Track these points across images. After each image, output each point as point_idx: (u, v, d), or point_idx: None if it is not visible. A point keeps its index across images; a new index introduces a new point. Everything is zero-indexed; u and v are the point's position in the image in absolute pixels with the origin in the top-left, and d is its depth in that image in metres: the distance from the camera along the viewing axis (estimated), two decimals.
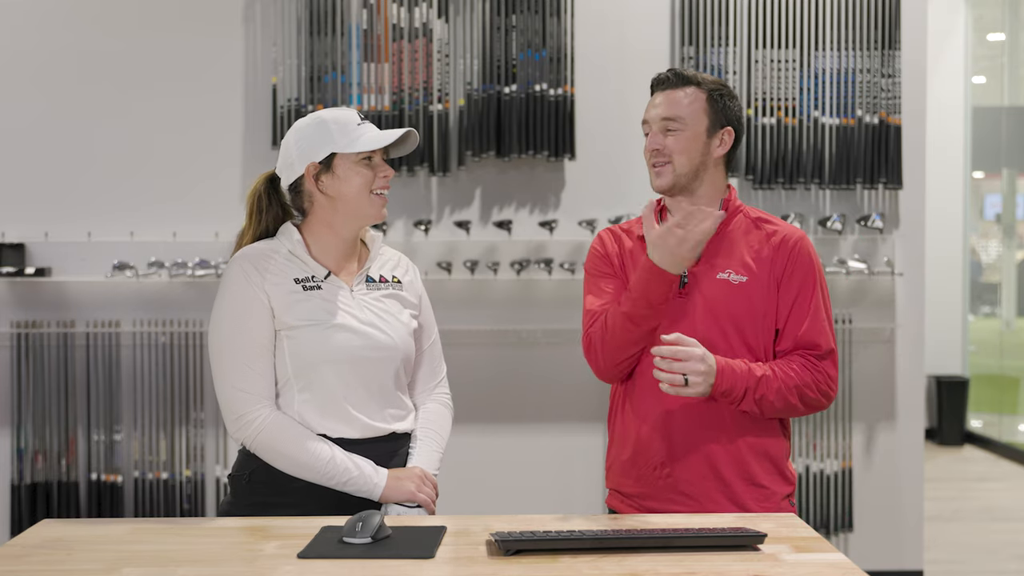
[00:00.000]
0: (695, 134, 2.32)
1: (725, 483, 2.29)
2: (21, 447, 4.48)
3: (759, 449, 2.31)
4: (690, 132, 2.32)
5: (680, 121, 2.32)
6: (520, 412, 4.61)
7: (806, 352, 2.30)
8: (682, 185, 2.34)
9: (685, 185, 2.34)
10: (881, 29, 4.54)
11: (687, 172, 2.33)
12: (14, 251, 4.45)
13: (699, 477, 2.29)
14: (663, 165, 2.33)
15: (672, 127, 2.32)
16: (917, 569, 4.66)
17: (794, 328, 2.30)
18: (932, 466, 7.16)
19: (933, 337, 6.34)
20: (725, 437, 2.29)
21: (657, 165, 2.34)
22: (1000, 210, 8.78)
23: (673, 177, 2.32)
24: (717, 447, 2.29)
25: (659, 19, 4.59)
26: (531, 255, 4.54)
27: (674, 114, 2.32)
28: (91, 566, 1.79)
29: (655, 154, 2.33)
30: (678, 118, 2.32)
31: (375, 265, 2.33)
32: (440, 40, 4.46)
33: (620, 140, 4.57)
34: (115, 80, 4.54)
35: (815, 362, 2.29)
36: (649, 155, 2.35)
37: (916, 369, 4.68)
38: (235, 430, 2.20)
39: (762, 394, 2.23)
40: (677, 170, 2.32)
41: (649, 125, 2.36)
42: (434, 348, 2.42)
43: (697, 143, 2.33)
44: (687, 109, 2.32)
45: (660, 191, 2.36)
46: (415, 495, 2.20)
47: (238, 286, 2.20)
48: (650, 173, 2.36)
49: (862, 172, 4.53)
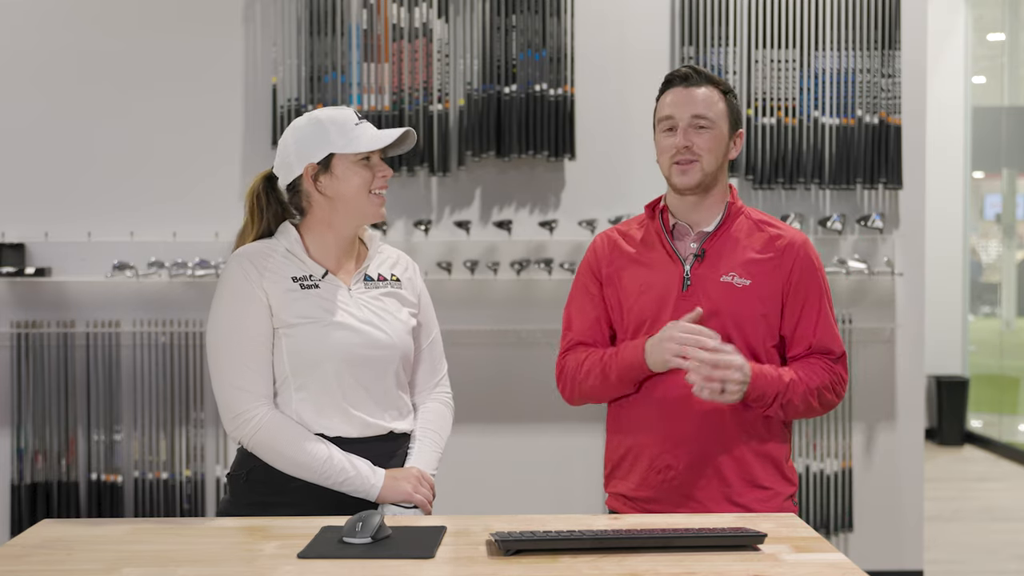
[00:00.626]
0: (721, 134, 2.32)
1: (728, 485, 2.29)
2: (21, 447, 4.48)
3: (761, 451, 2.31)
4: (718, 131, 2.32)
5: (710, 120, 2.30)
6: (520, 412, 4.60)
7: (822, 356, 2.32)
8: (707, 184, 2.33)
9: (708, 185, 2.33)
10: (881, 29, 4.54)
11: (712, 172, 2.32)
12: (14, 251, 4.45)
13: (702, 480, 2.29)
14: (690, 163, 2.30)
15: (704, 124, 2.30)
16: (917, 569, 4.66)
17: (806, 334, 2.32)
18: (932, 466, 7.16)
19: (933, 337, 6.34)
20: (727, 440, 2.29)
21: (683, 162, 2.30)
22: (1000, 210, 8.78)
23: (701, 175, 2.30)
24: (719, 450, 2.28)
25: (659, 19, 4.59)
26: (531, 255, 4.54)
27: (705, 112, 2.30)
28: (91, 566, 1.79)
29: (684, 151, 2.29)
30: (707, 116, 2.30)
31: (374, 264, 2.33)
32: (440, 40, 4.46)
33: (620, 140, 4.57)
34: (115, 80, 4.54)
35: (831, 365, 2.32)
36: (675, 152, 2.30)
37: (916, 369, 4.68)
38: (232, 429, 2.20)
39: (789, 399, 2.26)
40: (705, 169, 2.30)
41: (672, 120, 2.32)
42: (434, 346, 2.42)
43: (722, 143, 2.33)
44: (714, 108, 2.31)
45: (686, 189, 2.32)
46: (412, 496, 2.20)
47: (236, 284, 2.20)
48: (671, 170, 2.32)
49: (862, 172, 4.53)
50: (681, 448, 2.29)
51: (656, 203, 2.41)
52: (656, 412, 2.31)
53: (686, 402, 2.27)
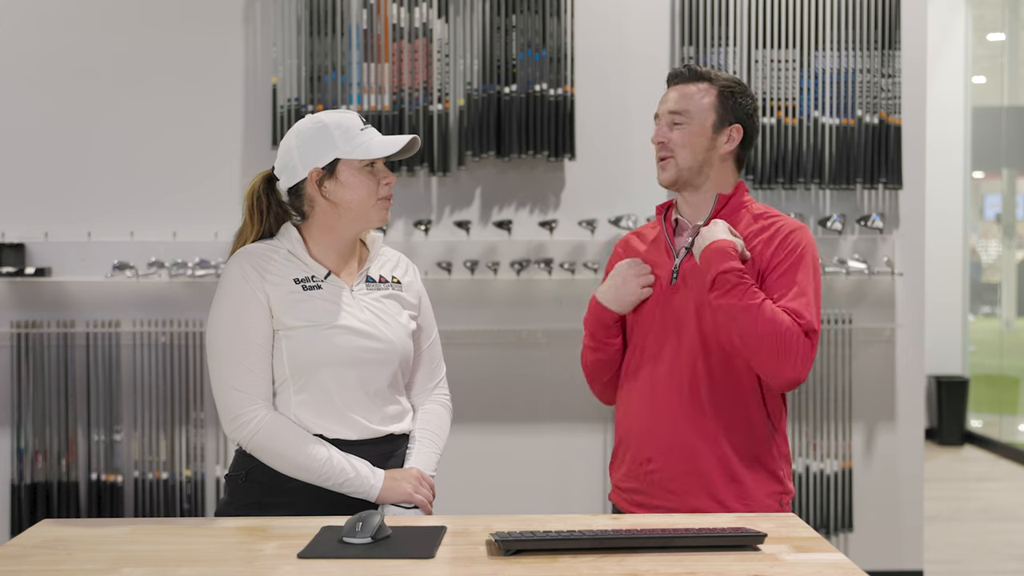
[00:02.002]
0: (701, 129, 2.34)
1: (708, 481, 2.30)
2: (21, 447, 4.48)
3: (743, 449, 2.31)
4: (696, 127, 2.34)
5: (686, 115, 2.34)
6: (520, 412, 4.60)
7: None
8: (685, 180, 2.37)
9: (688, 180, 2.37)
10: (881, 29, 4.54)
11: (690, 167, 2.35)
12: (14, 251, 4.45)
13: (681, 473, 2.30)
14: (666, 159, 2.36)
15: (678, 120, 2.35)
16: (917, 569, 4.66)
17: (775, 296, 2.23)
18: (932, 466, 7.16)
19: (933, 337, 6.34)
20: (708, 436, 2.30)
21: (662, 159, 2.37)
22: (1000, 210, 8.78)
23: (676, 172, 2.36)
24: (701, 444, 2.30)
25: (659, 19, 4.59)
26: (531, 255, 4.54)
27: (681, 108, 2.35)
28: (91, 566, 1.79)
29: (660, 147, 2.37)
30: (684, 111, 2.34)
31: (375, 265, 2.32)
32: (440, 40, 4.46)
33: (620, 140, 4.57)
34: (115, 80, 4.54)
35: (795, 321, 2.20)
36: (656, 148, 2.39)
37: (916, 369, 4.68)
38: (231, 430, 2.19)
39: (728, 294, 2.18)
40: (680, 164, 2.35)
41: (659, 118, 2.39)
42: (433, 349, 2.42)
43: (702, 138, 2.34)
44: (695, 104, 2.35)
45: (663, 185, 2.39)
46: (412, 496, 2.20)
47: (236, 285, 2.19)
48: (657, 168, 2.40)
49: (862, 172, 4.53)
50: (661, 442, 2.32)
51: (669, 202, 2.48)
52: (644, 406, 2.35)
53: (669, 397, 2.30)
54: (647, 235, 2.47)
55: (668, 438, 2.31)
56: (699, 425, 2.30)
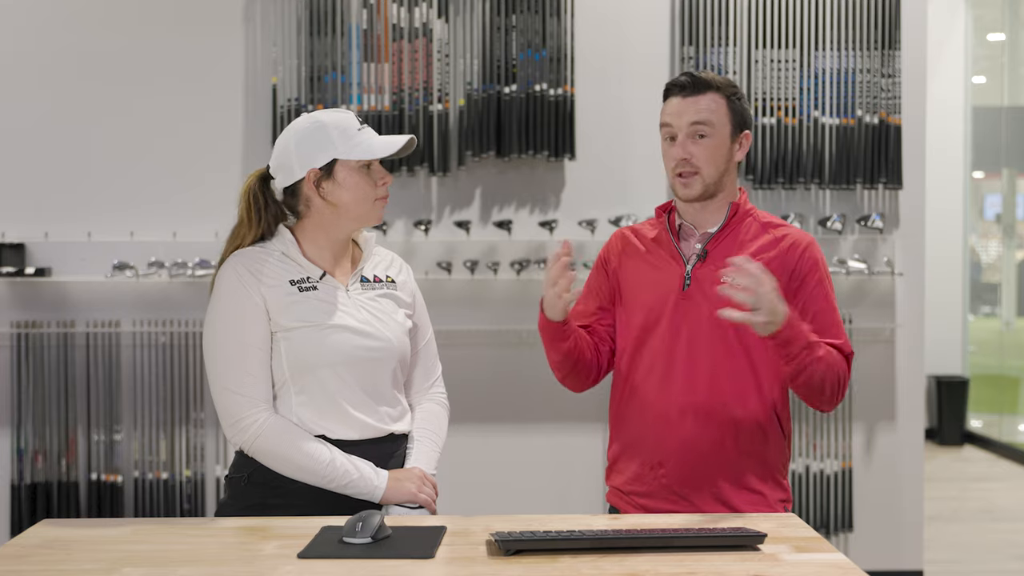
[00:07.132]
0: (722, 140, 2.31)
1: (719, 487, 2.29)
2: (21, 447, 4.48)
3: (757, 457, 2.31)
4: (718, 138, 2.30)
5: (710, 126, 2.29)
6: (520, 412, 4.60)
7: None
8: (709, 194, 2.33)
9: (712, 193, 2.33)
10: (881, 29, 4.54)
11: (714, 181, 2.32)
12: (14, 251, 4.45)
13: (692, 478, 2.30)
14: (691, 175, 2.30)
15: (704, 131, 2.29)
16: (917, 569, 4.66)
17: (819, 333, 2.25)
18: (932, 466, 7.16)
19: (933, 337, 6.33)
20: (720, 440, 2.29)
21: (685, 175, 2.30)
22: (1000, 210, 8.78)
23: (702, 187, 2.31)
24: (712, 450, 2.29)
25: (659, 19, 4.59)
26: (531, 255, 4.54)
27: (704, 119, 2.29)
28: (91, 566, 1.79)
29: (683, 163, 2.29)
30: (708, 123, 2.29)
31: (369, 265, 2.32)
32: (440, 40, 4.46)
33: (620, 140, 4.57)
34: (115, 80, 4.54)
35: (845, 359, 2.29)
36: (676, 164, 2.31)
37: (916, 369, 4.68)
38: (232, 435, 2.18)
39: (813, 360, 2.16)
40: (706, 180, 2.31)
41: (671, 129, 2.32)
42: (429, 347, 2.41)
43: (723, 150, 2.31)
44: (714, 115, 2.30)
45: (687, 200, 2.33)
46: (416, 496, 2.20)
47: (232, 289, 2.18)
48: (674, 181, 2.33)
49: (862, 172, 4.53)
50: (674, 449, 2.30)
51: (667, 204, 2.43)
52: (652, 409, 2.33)
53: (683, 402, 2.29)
54: (646, 234, 2.42)
55: (681, 444, 2.29)
56: (710, 430, 2.29)
